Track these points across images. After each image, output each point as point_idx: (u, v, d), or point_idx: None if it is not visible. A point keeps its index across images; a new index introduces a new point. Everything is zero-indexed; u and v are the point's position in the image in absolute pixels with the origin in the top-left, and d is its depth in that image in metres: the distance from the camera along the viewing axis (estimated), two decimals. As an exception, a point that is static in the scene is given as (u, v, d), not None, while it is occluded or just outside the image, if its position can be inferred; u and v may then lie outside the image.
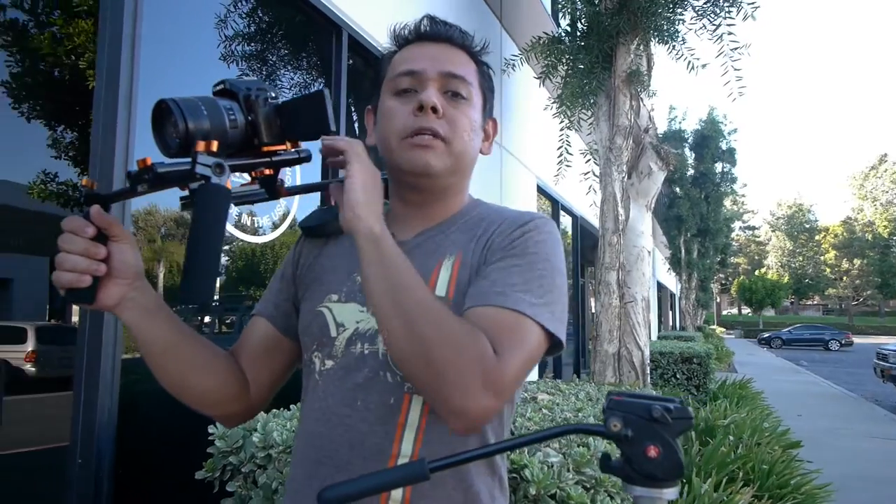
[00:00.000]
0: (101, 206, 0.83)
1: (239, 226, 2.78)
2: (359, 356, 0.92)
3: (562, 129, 5.53)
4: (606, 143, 5.19)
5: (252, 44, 3.02)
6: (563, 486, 1.50)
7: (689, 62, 4.98)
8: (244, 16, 2.99)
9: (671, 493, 0.78)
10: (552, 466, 1.54)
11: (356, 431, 0.89)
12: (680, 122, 21.50)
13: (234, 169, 0.81)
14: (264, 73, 3.18)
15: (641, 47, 5.23)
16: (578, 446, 1.71)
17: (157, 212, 2.58)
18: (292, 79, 3.46)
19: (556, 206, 8.23)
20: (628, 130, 5.12)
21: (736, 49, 4.56)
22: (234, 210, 2.69)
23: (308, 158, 0.91)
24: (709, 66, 4.87)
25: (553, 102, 5.39)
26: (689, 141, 21.63)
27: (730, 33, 4.61)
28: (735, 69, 4.58)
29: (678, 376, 7.08)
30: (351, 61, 3.63)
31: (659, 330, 21.42)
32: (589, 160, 5.72)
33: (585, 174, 5.73)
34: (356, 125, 3.68)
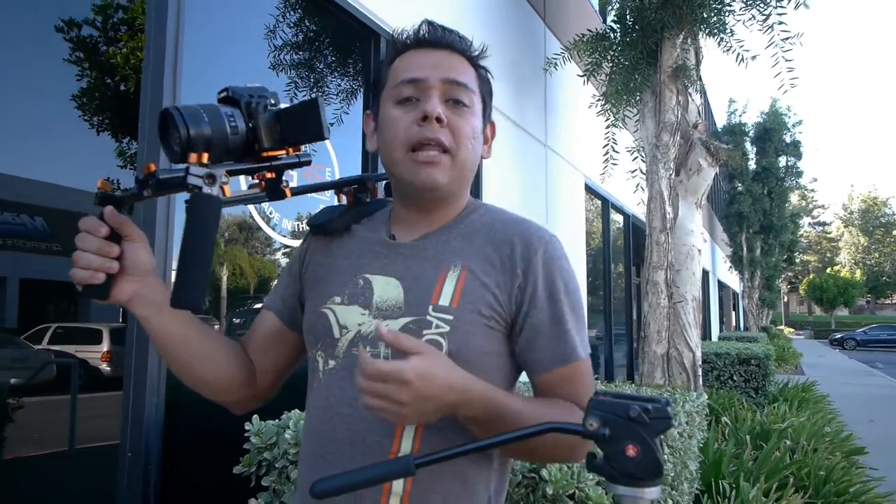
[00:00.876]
0: (114, 207, 0.86)
1: (294, 235, 2.88)
2: None
3: (608, 127, 5.46)
4: (652, 141, 5.09)
5: (290, 53, 3.12)
6: (583, 487, 1.51)
7: (739, 54, 4.83)
8: (282, 25, 3.09)
9: (653, 492, 0.78)
10: (571, 467, 1.54)
11: (357, 430, 0.92)
12: (740, 116, 20.78)
13: (235, 173, 0.85)
14: (311, 80, 3.27)
15: (689, 41, 5.10)
16: (602, 447, 1.70)
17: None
18: (339, 85, 3.54)
19: (607, 204, 8.11)
20: (675, 127, 5.00)
21: (787, 39, 4.40)
22: (280, 220, 2.79)
23: (308, 162, 0.94)
24: (760, 58, 4.70)
25: (598, 100, 5.33)
26: (750, 134, 20.85)
27: (780, 23, 4.44)
28: (786, 60, 4.41)
29: (735, 378, 6.86)
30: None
31: (720, 330, 20.73)
32: (636, 158, 5.62)
33: (633, 172, 5.63)
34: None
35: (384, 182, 1.13)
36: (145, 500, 2.07)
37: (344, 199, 1.10)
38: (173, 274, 2.05)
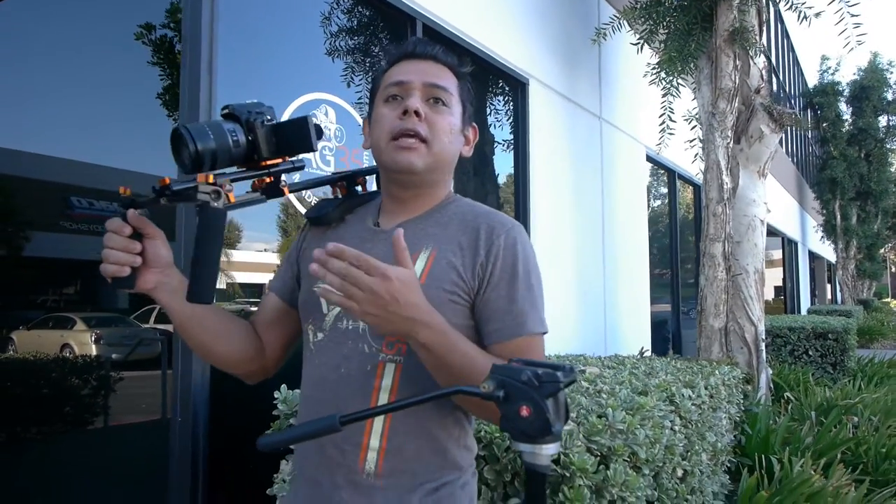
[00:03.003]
0: (135, 209, 1.00)
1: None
2: (344, 330, 1.09)
3: (663, 96, 5.30)
4: (709, 109, 4.91)
5: (326, 42, 3.26)
6: (567, 453, 1.57)
7: (801, 12, 4.56)
8: (317, 15, 3.23)
9: (550, 448, 0.86)
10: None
11: (341, 395, 1.06)
12: (833, 74, 19.32)
13: (237, 180, 0.99)
14: (351, 70, 3.39)
15: (749, 1, 4.86)
16: (598, 417, 1.76)
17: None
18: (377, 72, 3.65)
19: (673, 175, 7.86)
20: (732, 93, 4.80)
21: (852, -7, 4.11)
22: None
23: (302, 167, 1.09)
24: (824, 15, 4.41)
25: (652, 69, 5.18)
26: (845, 94, 19.37)
27: (845, -24, 4.16)
28: (852, 15, 4.13)
29: (811, 353, 6.56)
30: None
31: (812, 303, 19.63)
32: (695, 126, 5.44)
33: (691, 141, 5.46)
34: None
35: (373, 176, 1.25)
36: (194, 460, 2.31)
37: (339, 193, 1.23)
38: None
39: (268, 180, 1.04)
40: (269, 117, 1.00)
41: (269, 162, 1.01)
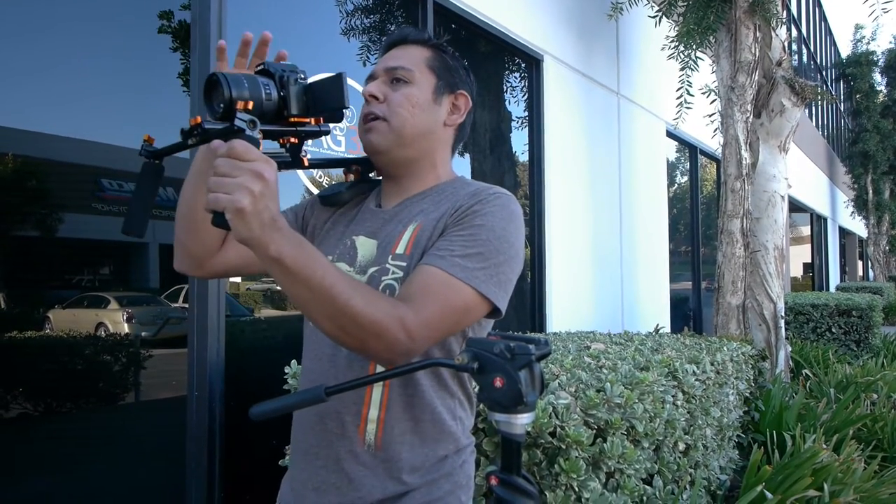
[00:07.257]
0: (156, 157, 1.02)
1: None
2: None
3: (682, 70, 5.22)
4: (728, 82, 4.82)
5: (337, 22, 3.27)
6: (563, 426, 1.61)
7: (824, -19, 4.43)
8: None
9: (524, 418, 0.89)
10: (556, 407, 1.64)
11: (340, 367, 1.09)
12: (867, 43, 18.69)
13: (265, 134, 0.99)
14: (369, 50, 3.40)
15: (771, -30, 4.73)
16: (597, 391, 1.79)
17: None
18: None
19: (695, 151, 7.74)
20: (752, 66, 4.70)
21: (877, -40, 3.97)
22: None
23: (328, 132, 1.10)
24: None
25: (670, 42, 5.10)
26: (880, 63, 18.73)
27: (869, -58, 4.02)
28: (877, -17, 4.00)
29: (834, 330, 6.47)
30: (440, 27, 3.76)
31: (841, 280, 19.27)
32: (714, 101, 5.34)
33: (710, 116, 5.37)
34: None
35: None
36: (211, 433, 2.40)
37: (351, 177, 1.24)
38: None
39: (293, 141, 1.05)
40: (302, 76, 1.02)
41: (297, 119, 1.03)
